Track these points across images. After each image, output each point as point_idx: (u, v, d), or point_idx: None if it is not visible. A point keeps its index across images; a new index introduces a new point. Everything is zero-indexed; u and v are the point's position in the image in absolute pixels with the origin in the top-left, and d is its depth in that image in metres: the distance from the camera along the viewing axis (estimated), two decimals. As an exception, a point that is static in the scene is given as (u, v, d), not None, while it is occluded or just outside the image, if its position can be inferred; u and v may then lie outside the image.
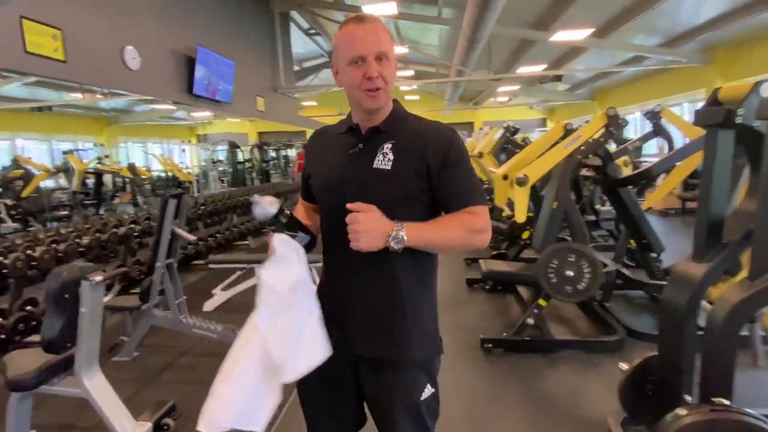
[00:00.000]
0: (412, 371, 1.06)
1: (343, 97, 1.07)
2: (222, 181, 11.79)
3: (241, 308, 3.67)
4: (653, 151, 8.07)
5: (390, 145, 1.03)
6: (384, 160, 1.02)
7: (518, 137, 6.26)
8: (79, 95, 8.91)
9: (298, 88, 9.68)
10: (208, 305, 3.62)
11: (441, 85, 14.16)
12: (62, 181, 9.07)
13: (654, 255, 3.51)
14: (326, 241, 1.12)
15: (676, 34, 7.34)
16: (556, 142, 3.32)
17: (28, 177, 7.78)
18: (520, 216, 3.08)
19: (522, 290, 3.75)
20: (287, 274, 0.96)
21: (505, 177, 3.22)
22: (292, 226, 1.06)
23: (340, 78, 1.05)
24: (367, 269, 1.03)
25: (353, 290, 1.07)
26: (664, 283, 2.84)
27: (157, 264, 2.64)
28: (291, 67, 9.03)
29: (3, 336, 2.88)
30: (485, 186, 7.17)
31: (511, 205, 3.49)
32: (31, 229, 6.28)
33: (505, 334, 2.99)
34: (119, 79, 4.25)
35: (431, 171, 1.01)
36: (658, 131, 4.70)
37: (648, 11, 6.13)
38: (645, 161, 5.62)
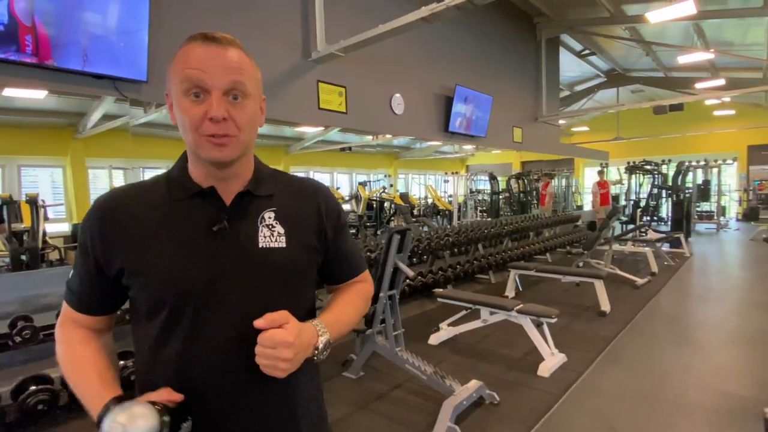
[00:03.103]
0: None
1: (618, 119, 0.74)
2: (482, 211, 12.08)
3: (465, 350, 3.50)
4: None
5: (272, 215, 0.79)
6: (272, 235, 0.77)
7: None
8: (370, 137, 10.96)
9: (562, 114, 9.00)
10: (434, 338, 3.67)
11: (773, 93, 10.52)
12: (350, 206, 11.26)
13: None
14: (172, 363, 0.74)
15: None
16: None
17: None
18: None
19: None
20: None
21: None
22: (175, 425, 0.69)
23: (174, 114, 0.74)
24: (258, 396, 0.76)
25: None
26: None
27: (380, 294, 2.79)
28: (556, 93, 8.52)
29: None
30: None
31: None
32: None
33: None
34: (386, 123, 4.89)
35: (327, 240, 0.86)
36: None
37: None
38: None
